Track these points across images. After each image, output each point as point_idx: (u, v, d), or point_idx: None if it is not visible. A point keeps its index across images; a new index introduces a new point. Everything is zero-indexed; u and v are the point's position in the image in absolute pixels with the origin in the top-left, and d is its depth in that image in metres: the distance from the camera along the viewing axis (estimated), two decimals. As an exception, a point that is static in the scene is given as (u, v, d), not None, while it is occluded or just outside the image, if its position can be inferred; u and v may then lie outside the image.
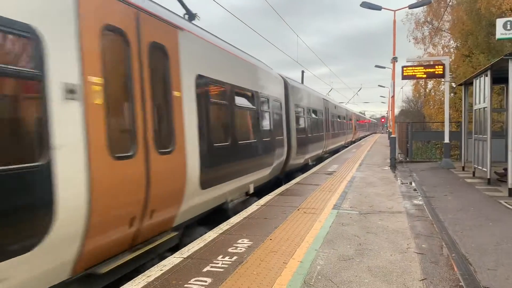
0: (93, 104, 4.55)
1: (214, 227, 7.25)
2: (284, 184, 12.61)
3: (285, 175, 14.09)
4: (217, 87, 8.01)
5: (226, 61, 8.66)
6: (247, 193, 9.81)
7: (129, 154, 5.17)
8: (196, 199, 6.97)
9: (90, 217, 4.48)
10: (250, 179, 9.76)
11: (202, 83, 7.23)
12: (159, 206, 5.84)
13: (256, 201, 9.79)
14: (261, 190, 11.15)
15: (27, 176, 3.77)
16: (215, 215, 8.18)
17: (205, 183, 7.18)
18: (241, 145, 8.99)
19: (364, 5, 18.61)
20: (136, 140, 5.30)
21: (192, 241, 6.41)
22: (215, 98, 7.89)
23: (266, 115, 11.31)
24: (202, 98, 7.20)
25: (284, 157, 13.17)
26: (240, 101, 9.19)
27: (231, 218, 7.86)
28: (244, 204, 9.46)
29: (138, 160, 5.31)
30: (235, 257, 5.54)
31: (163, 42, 6.02)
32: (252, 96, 10.13)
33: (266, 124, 11.21)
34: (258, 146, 10.38)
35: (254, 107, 10.18)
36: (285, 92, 14.02)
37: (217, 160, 7.78)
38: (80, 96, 4.37)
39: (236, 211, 8.69)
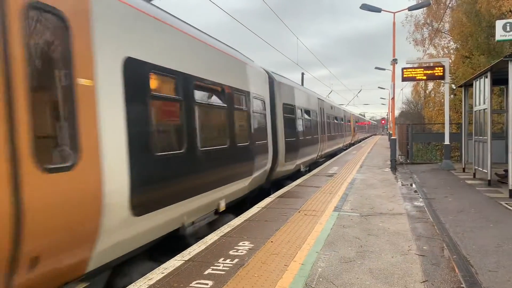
0: None
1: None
2: (273, 193, 11.29)
3: (272, 184, 12.60)
4: (163, 76, 6.19)
5: (179, 44, 6.72)
6: (216, 211, 8.04)
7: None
8: (126, 231, 5.10)
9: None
10: (220, 194, 8.00)
11: (135, 69, 5.36)
12: (47, 251, 4.02)
13: (232, 219, 8.32)
14: (241, 204, 9.87)
15: None
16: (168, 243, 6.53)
17: (141, 207, 5.30)
18: (202, 152, 7.13)
19: (364, 7, 18.64)
20: None
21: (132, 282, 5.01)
22: (158, 90, 6.08)
23: (242, 115, 9.44)
24: (136, 89, 5.36)
25: (269, 164, 11.52)
26: (202, 96, 7.42)
27: (232, 221, 7.86)
28: (212, 226, 7.79)
29: None
30: (236, 260, 5.54)
31: (58, 5, 4.19)
32: (221, 92, 8.29)
33: (241, 125, 9.39)
34: (230, 152, 8.53)
35: (223, 105, 8.33)
36: (270, 89, 12.25)
37: (163, 174, 5.88)
38: None
39: (201, 235, 7.08)
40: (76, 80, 4.31)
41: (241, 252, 5.89)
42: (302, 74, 35.60)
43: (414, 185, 12.96)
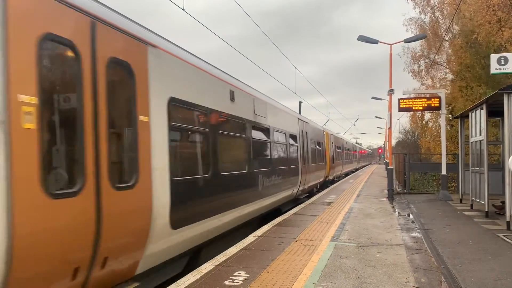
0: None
1: None
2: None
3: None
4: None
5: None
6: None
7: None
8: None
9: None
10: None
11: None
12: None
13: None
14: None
15: None
16: None
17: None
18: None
19: (361, 38, 18.98)
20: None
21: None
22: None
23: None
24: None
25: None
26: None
27: (228, 250, 7.77)
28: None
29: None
30: (231, 290, 5.45)
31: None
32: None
33: None
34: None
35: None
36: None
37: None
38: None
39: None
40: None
41: (237, 282, 5.80)
42: (300, 102, 35.96)
43: (411, 216, 12.90)
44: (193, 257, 7.45)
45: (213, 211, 7.63)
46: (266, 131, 11.78)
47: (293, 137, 15.43)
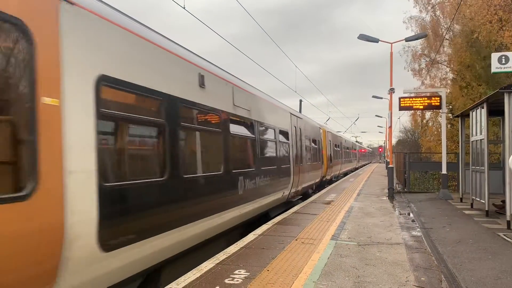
0: None
1: None
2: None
3: None
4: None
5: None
6: None
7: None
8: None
9: None
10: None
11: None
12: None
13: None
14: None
15: None
16: None
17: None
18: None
19: (362, 37, 18.98)
20: None
21: None
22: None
23: None
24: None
25: None
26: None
27: (228, 248, 7.77)
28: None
29: None
30: (231, 288, 5.45)
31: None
32: None
33: None
34: None
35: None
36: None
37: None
38: None
39: None
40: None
41: (237, 280, 5.80)
42: (300, 101, 35.91)
43: (411, 214, 12.90)
44: (148, 279, 6.06)
45: (172, 223, 6.16)
46: (249, 126, 10.35)
47: (284, 133, 13.93)
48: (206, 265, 6.54)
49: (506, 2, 20.94)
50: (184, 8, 10.46)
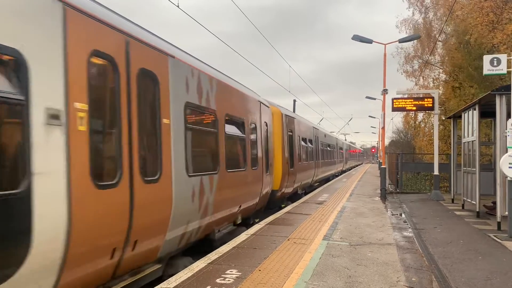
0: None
1: None
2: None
3: None
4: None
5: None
6: None
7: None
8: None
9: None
10: None
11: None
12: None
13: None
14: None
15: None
16: None
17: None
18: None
19: (355, 38, 19.00)
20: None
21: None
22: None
23: None
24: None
25: None
26: None
27: (220, 248, 7.76)
28: None
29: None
30: (223, 288, 5.44)
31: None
32: None
33: None
34: None
35: None
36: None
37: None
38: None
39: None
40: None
41: (228, 280, 5.79)
42: (294, 101, 35.87)
43: (403, 215, 12.96)
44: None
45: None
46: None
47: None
48: (198, 265, 6.53)
49: (498, 5, 21.10)
50: (178, 6, 10.41)
